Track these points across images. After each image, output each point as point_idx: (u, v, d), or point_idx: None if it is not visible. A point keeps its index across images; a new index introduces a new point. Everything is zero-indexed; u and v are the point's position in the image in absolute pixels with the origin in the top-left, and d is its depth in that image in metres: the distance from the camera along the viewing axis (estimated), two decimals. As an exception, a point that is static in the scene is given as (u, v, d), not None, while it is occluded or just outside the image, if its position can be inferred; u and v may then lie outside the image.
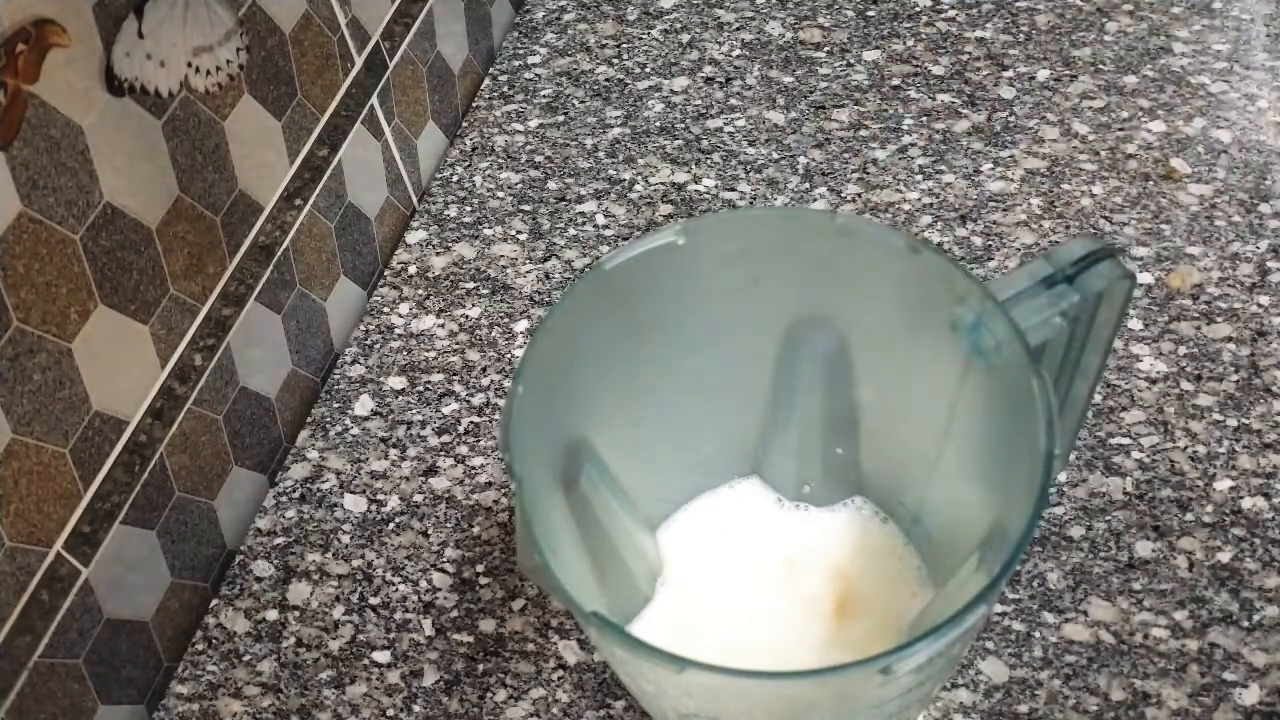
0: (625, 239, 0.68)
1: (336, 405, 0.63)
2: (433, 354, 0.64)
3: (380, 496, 0.59)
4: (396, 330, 0.66)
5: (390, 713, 0.52)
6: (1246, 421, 0.56)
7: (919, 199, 0.68)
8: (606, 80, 0.77)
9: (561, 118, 0.75)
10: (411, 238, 0.70)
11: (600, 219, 0.69)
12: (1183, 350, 0.59)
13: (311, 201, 0.63)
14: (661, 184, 0.71)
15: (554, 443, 0.44)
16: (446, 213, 0.71)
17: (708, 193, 0.70)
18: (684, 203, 0.69)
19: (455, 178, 0.73)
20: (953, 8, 0.79)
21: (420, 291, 0.67)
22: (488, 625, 0.54)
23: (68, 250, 0.47)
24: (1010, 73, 0.74)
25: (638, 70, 0.78)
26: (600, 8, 0.83)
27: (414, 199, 0.73)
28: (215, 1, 0.53)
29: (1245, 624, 0.51)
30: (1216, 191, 0.66)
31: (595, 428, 0.46)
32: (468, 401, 0.62)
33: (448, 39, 0.76)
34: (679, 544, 0.52)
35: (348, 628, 0.55)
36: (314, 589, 0.56)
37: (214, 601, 0.57)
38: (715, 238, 0.45)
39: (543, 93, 0.77)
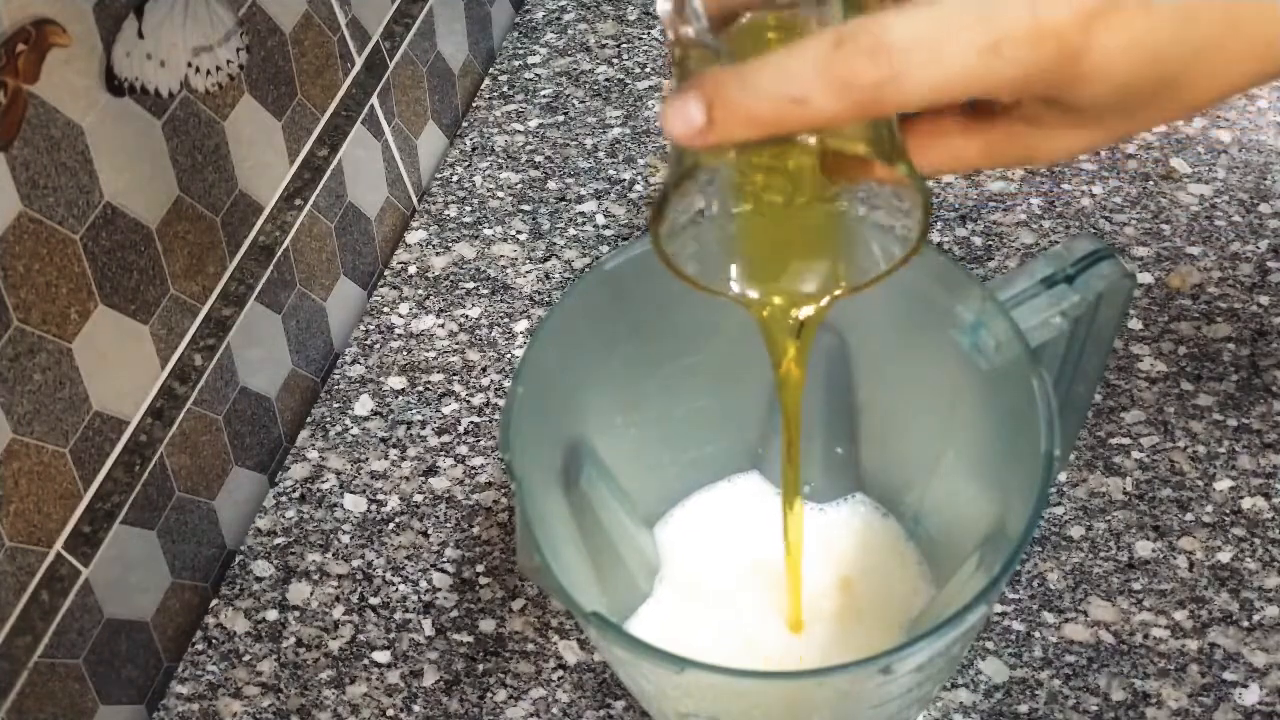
0: (625, 239, 0.68)
1: (336, 405, 0.63)
2: (433, 354, 0.64)
3: (380, 496, 0.59)
4: (396, 330, 0.66)
5: (390, 713, 0.52)
6: (1246, 421, 0.56)
7: (919, 199, 0.68)
8: (606, 80, 0.77)
9: (561, 118, 0.75)
10: (411, 238, 0.70)
11: (600, 219, 0.69)
12: (1183, 350, 0.59)
13: (311, 201, 0.63)
14: (661, 184, 0.71)
15: (554, 443, 0.44)
16: (446, 213, 0.71)
17: (708, 193, 0.70)
18: (684, 203, 0.69)
19: (455, 178, 0.73)
20: (953, 8, 0.79)
21: (420, 291, 0.67)
22: (488, 625, 0.54)
23: (68, 250, 0.47)
24: (1010, 73, 0.74)
25: (638, 70, 0.78)
26: (600, 8, 0.83)
27: (414, 199, 0.73)
28: (215, 1, 0.53)
29: (1245, 624, 0.51)
30: (1216, 191, 0.66)
31: (595, 427, 0.46)
32: (468, 401, 0.62)
33: (448, 39, 0.76)
34: (678, 540, 0.52)
35: (348, 628, 0.55)
36: (314, 589, 0.56)
37: (214, 601, 0.57)
38: (715, 238, 0.45)
39: (543, 93, 0.77)
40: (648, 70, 0.78)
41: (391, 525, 0.58)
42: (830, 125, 0.31)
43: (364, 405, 0.63)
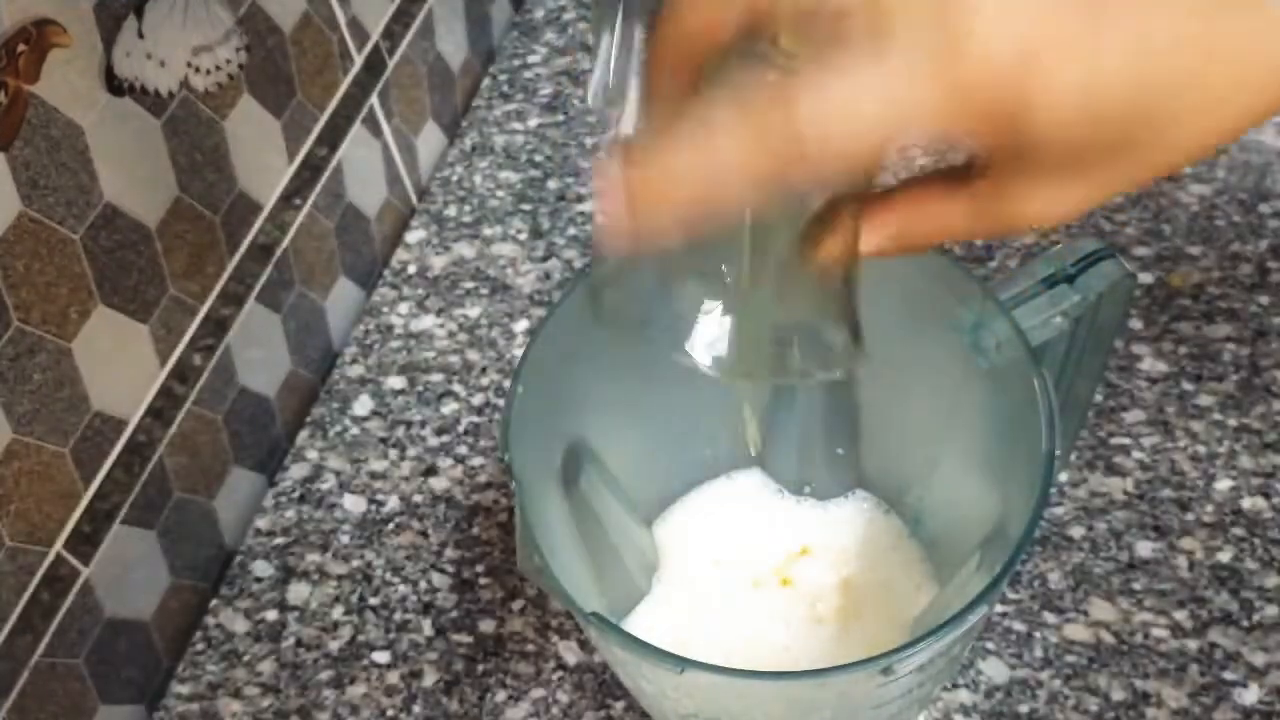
0: (625, 239, 0.68)
1: (336, 405, 0.63)
2: (432, 354, 0.64)
3: (380, 497, 0.59)
4: (396, 330, 0.66)
5: (390, 713, 0.52)
6: (1246, 421, 0.56)
7: (919, 199, 0.68)
8: (606, 80, 0.77)
9: (561, 117, 0.75)
10: (411, 237, 0.70)
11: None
12: (1183, 350, 0.59)
13: (311, 201, 0.63)
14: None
15: (554, 443, 0.44)
16: (446, 212, 0.71)
17: (707, 192, 0.70)
18: (684, 202, 0.69)
19: (455, 177, 0.73)
20: (952, 7, 0.79)
21: (420, 291, 0.67)
22: (487, 626, 0.54)
23: (68, 250, 0.47)
24: (1010, 72, 0.74)
25: (637, 70, 0.78)
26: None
27: (413, 198, 0.73)
28: (215, 1, 0.53)
29: (1245, 624, 0.51)
30: (1216, 191, 0.66)
31: (595, 427, 0.46)
32: (467, 401, 0.62)
33: (447, 38, 0.76)
34: (677, 537, 0.52)
35: (347, 628, 0.55)
36: (313, 589, 0.56)
37: (214, 601, 0.56)
38: (716, 237, 0.45)
39: (542, 92, 0.77)
40: (647, 70, 0.78)
41: (391, 525, 0.58)
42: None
43: (363, 405, 0.63)
